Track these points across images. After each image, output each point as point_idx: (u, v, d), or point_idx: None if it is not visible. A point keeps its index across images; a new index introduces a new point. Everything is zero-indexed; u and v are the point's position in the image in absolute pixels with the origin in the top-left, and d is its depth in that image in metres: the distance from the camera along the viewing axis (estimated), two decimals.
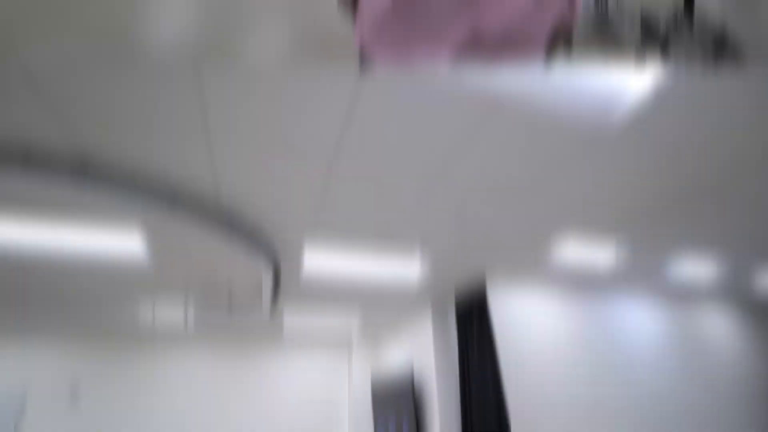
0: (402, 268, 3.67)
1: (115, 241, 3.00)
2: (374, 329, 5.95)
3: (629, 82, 1.66)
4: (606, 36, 1.99)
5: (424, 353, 4.59)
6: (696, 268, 5.23)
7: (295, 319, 5.21)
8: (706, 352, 6.33)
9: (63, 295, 3.90)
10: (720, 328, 6.79)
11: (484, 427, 3.53)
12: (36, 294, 3.90)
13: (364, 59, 1.31)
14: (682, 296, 6.51)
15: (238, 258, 3.02)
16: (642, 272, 5.05)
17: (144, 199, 2.23)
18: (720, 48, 1.93)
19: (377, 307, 4.73)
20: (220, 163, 2.13)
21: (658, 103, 1.82)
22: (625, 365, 5.43)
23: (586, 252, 4.56)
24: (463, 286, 3.92)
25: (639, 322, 5.82)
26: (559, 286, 5.40)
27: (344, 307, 4.72)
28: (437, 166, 2.19)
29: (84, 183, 2.12)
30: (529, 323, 4.87)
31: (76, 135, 1.86)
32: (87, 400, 5.41)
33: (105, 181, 2.09)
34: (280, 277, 3.43)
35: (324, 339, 6.48)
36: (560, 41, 1.26)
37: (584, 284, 5.49)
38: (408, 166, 2.16)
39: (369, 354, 6.63)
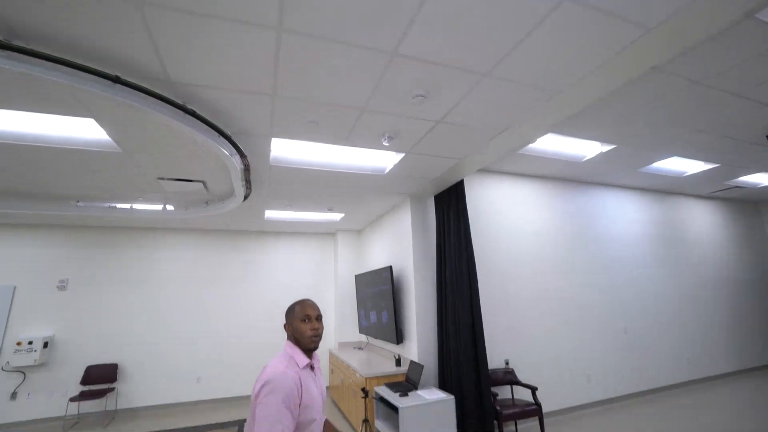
0: (374, 157, 3.65)
1: (80, 129, 2.88)
2: (358, 219, 6.21)
3: None
4: None
5: (403, 240, 4.84)
6: (679, 161, 5.32)
7: (275, 211, 5.37)
8: (687, 244, 6.72)
9: (46, 186, 3.89)
10: (701, 221, 7.19)
11: (456, 308, 3.93)
12: (18, 186, 3.88)
13: None
14: (664, 189, 6.71)
15: (201, 144, 2.95)
16: (625, 164, 5.13)
17: (84, 78, 2.06)
18: None
19: (356, 199, 4.82)
20: (162, 41, 1.92)
21: None
22: (604, 255, 5.75)
23: (565, 142, 4.56)
24: (439, 174, 3.96)
25: (620, 213, 6.10)
26: (538, 177, 5.51)
27: (321, 200, 4.82)
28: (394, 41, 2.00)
29: (12, 57, 1.93)
30: (508, 212, 5.04)
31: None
32: (74, 289, 5.74)
33: (36, 55, 1.91)
34: (249, 165, 3.40)
35: (309, 228, 6.76)
36: None
37: (564, 175, 5.62)
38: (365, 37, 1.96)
39: (354, 241, 7.03)
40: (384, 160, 3.69)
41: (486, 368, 3.79)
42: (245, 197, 4.22)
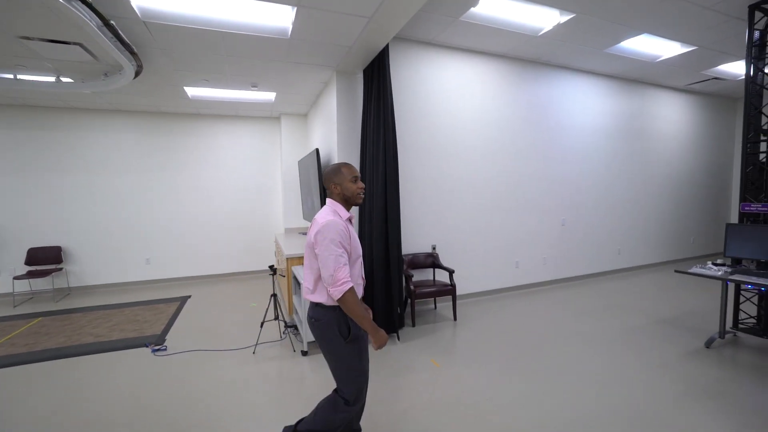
0: (264, 12, 3.01)
1: None
2: (297, 101, 5.69)
3: None
4: None
5: (330, 121, 4.44)
6: (651, 42, 4.68)
7: (196, 88, 4.81)
8: (650, 139, 6.41)
9: None
10: (672, 115, 6.78)
11: (373, 190, 3.76)
12: None
13: None
14: (636, 78, 6.11)
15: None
16: (588, 43, 4.49)
17: None
18: None
19: (273, 72, 4.24)
20: None
21: None
22: (559, 145, 5.46)
23: (519, 9, 3.88)
24: (355, 40, 3.42)
25: (584, 102, 5.59)
26: (492, 55, 4.88)
27: (234, 72, 4.24)
28: None
29: None
30: (456, 92, 4.62)
31: None
32: (4, 174, 5.46)
33: None
34: (109, 21, 2.83)
35: (249, 110, 6.25)
36: None
37: (520, 54, 4.98)
38: None
39: (300, 125, 6.58)
40: (278, 17, 3.10)
41: (398, 251, 3.82)
42: (138, 67, 3.69)
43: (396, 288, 3.62)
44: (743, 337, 3.67)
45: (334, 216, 1.71)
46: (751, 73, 3.70)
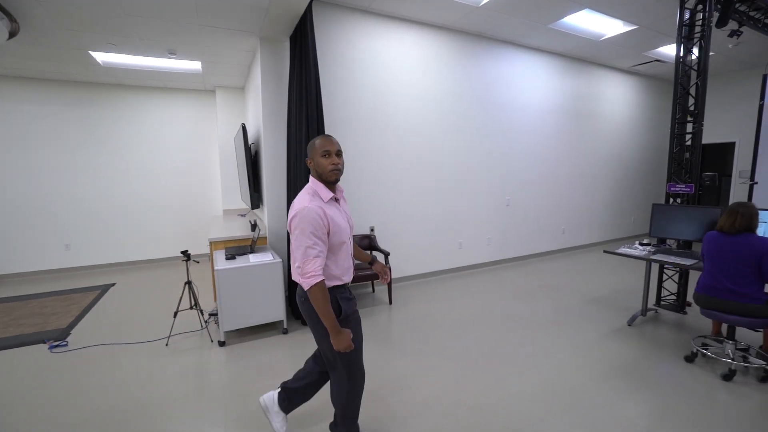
0: None
1: None
2: (227, 73, 5.22)
3: None
4: None
5: (256, 94, 4.09)
6: (595, 19, 4.59)
7: (107, 54, 4.25)
8: (595, 119, 6.43)
9: None
10: (617, 96, 6.83)
11: (299, 169, 3.49)
12: None
13: None
14: (582, 56, 6.07)
15: None
16: (532, 17, 4.31)
17: None
18: None
19: (184, 37, 3.79)
20: None
21: None
22: (503, 123, 5.32)
23: None
24: (284, 8, 3.07)
25: (529, 79, 5.52)
26: (436, 27, 4.56)
27: (138, 33, 3.75)
28: None
29: None
30: (396, 66, 4.34)
31: None
32: None
33: None
34: None
35: (179, 82, 5.70)
36: None
37: (464, 27, 4.74)
38: None
39: (237, 100, 6.10)
40: None
41: None
42: (12, 24, 3.17)
43: None
44: (663, 313, 3.78)
45: (312, 200, 1.59)
46: (681, 53, 3.69)
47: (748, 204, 2.56)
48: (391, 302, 4.07)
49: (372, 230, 4.45)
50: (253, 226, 4.00)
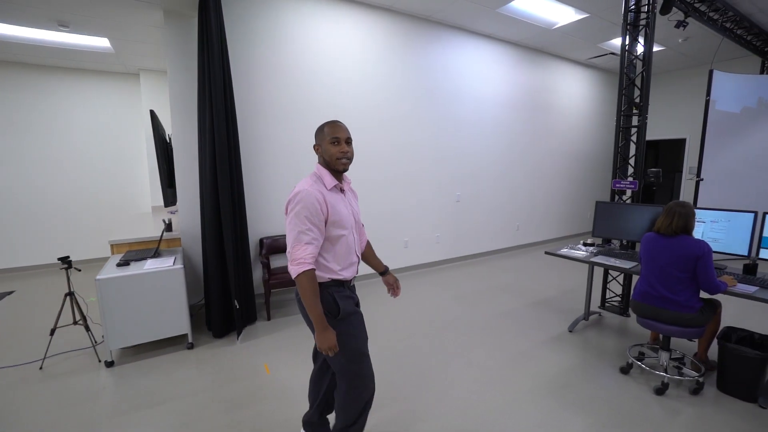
0: None
1: None
2: (144, 51, 4.65)
3: None
4: None
5: (166, 74, 3.63)
6: (546, 5, 4.34)
7: None
8: (551, 112, 6.23)
9: None
10: (573, 89, 6.68)
11: (206, 164, 3.05)
12: None
13: None
14: (537, 46, 5.85)
15: None
16: (480, 2, 4.02)
17: None
18: None
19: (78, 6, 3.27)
20: None
21: None
22: (453, 114, 5.01)
23: None
24: None
25: (483, 69, 5.24)
26: (377, 7, 4.16)
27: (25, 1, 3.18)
28: None
29: None
30: (330, 50, 3.89)
31: None
32: None
33: None
34: None
35: (94, 62, 5.05)
36: None
37: (406, 8, 4.32)
38: None
39: (163, 85, 5.55)
40: None
41: (239, 234, 3.20)
42: None
43: (234, 279, 3.01)
44: (607, 316, 3.62)
45: (313, 184, 1.49)
46: (627, 41, 3.48)
47: (685, 203, 2.35)
48: None
49: None
50: (168, 226, 3.53)
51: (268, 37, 3.64)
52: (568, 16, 4.76)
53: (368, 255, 1.90)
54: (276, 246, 3.79)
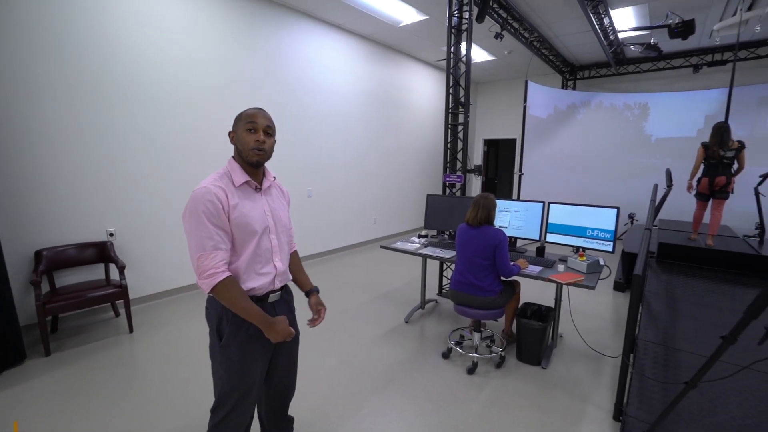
0: None
1: None
2: None
3: None
4: None
5: None
6: (389, 6, 4.41)
7: None
8: (404, 109, 6.38)
9: None
10: (425, 88, 6.94)
11: None
12: None
13: None
14: (387, 43, 5.94)
15: None
16: None
17: None
18: None
19: None
20: None
21: None
22: (303, 105, 4.70)
23: None
24: None
25: (332, 58, 5.04)
26: None
27: None
28: None
29: None
30: (133, 16, 3.03)
31: None
32: None
33: None
34: None
35: None
36: None
37: None
38: None
39: None
40: None
41: None
42: None
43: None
44: (443, 302, 3.86)
45: (216, 180, 1.26)
46: (452, 44, 3.72)
47: (488, 195, 2.55)
48: (132, 330, 3.06)
49: (111, 235, 3.29)
50: None
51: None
52: (411, 16, 4.94)
53: (293, 269, 1.60)
54: (61, 259, 2.96)
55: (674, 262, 3.95)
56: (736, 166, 3.79)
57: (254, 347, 1.32)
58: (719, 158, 3.75)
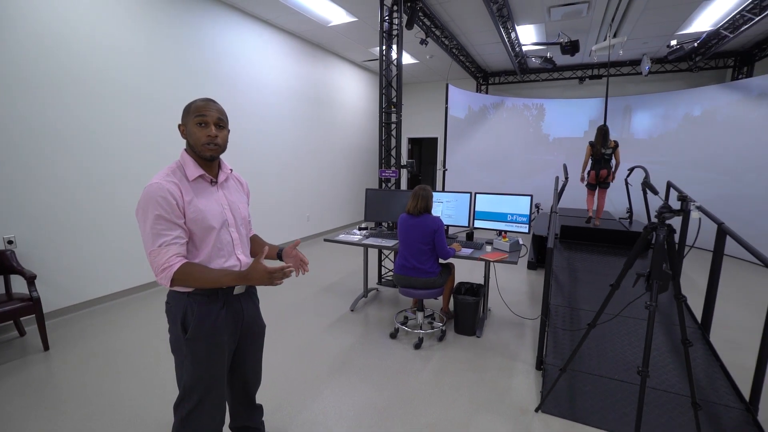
0: None
1: None
2: None
3: None
4: None
5: None
6: (318, 5, 4.49)
7: None
8: (333, 107, 6.40)
9: None
10: (353, 87, 7.07)
11: None
12: None
13: None
14: (316, 41, 5.97)
15: None
16: None
17: None
18: None
19: None
20: None
21: None
22: (233, 100, 4.27)
23: None
24: None
25: (261, 53, 4.90)
26: None
27: None
28: None
29: None
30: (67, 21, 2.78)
31: None
32: None
33: None
34: None
35: None
36: None
37: None
38: None
39: None
40: None
41: None
42: None
43: None
44: (384, 290, 4.09)
45: (169, 175, 1.22)
46: (384, 47, 3.96)
47: (425, 187, 2.82)
48: (47, 347, 2.72)
49: (10, 242, 2.87)
50: None
51: None
52: (340, 17, 5.06)
53: (256, 250, 1.53)
54: None
55: (573, 241, 4.71)
56: (614, 161, 4.67)
57: (220, 339, 1.31)
58: (601, 155, 4.58)
